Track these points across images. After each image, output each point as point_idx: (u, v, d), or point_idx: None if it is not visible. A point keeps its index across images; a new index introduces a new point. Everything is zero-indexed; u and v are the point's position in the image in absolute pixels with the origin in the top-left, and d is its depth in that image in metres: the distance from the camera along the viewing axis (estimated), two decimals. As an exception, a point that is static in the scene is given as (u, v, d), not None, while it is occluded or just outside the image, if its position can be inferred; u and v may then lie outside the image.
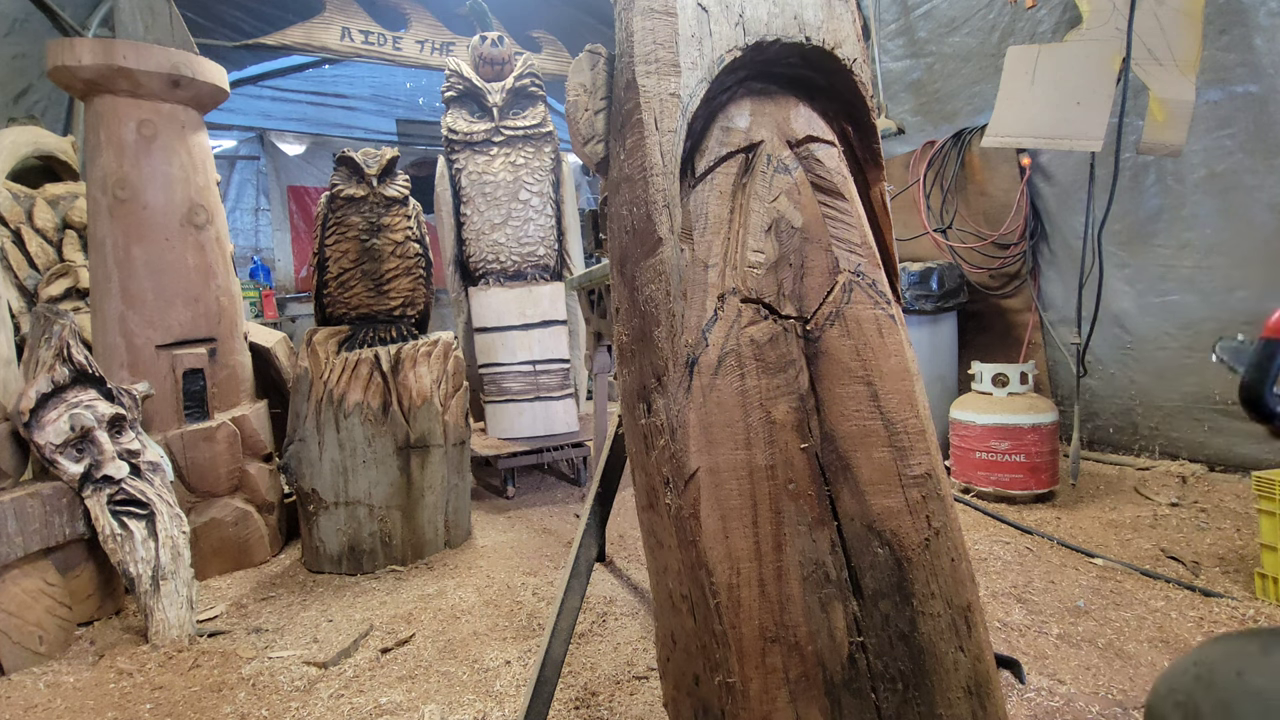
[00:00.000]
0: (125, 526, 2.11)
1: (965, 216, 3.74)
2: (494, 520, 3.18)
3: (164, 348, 2.56)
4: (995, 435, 2.88)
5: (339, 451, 2.56)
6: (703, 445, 0.93)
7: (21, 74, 3.91)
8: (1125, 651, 1.77)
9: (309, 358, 2.62)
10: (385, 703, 1.72)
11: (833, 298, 1.00)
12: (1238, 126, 2.73)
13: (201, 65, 2.61)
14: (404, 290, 2.85)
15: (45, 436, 2.05)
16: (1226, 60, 2.69)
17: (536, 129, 3.79)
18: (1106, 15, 2.66)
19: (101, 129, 2.48)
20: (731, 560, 0.90)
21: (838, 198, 1.07)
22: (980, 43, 3.59)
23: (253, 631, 2.15)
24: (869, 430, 0.97)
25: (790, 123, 1.09)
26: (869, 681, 0.90)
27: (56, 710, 1.73)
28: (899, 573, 0.93)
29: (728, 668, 0.88)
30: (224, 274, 2.75)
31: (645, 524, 1.13)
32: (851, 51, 1.12)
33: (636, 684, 1.74)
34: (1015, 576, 2.23)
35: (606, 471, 1.79)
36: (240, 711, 1.71)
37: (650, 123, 1.01)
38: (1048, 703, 1.58)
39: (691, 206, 1.02)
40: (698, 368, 0.95)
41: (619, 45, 1.08)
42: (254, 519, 2.71)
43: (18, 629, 1.93)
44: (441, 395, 2.73)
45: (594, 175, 1.89)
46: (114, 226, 2.49)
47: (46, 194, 3.24)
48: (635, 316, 1.08)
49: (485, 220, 3.73)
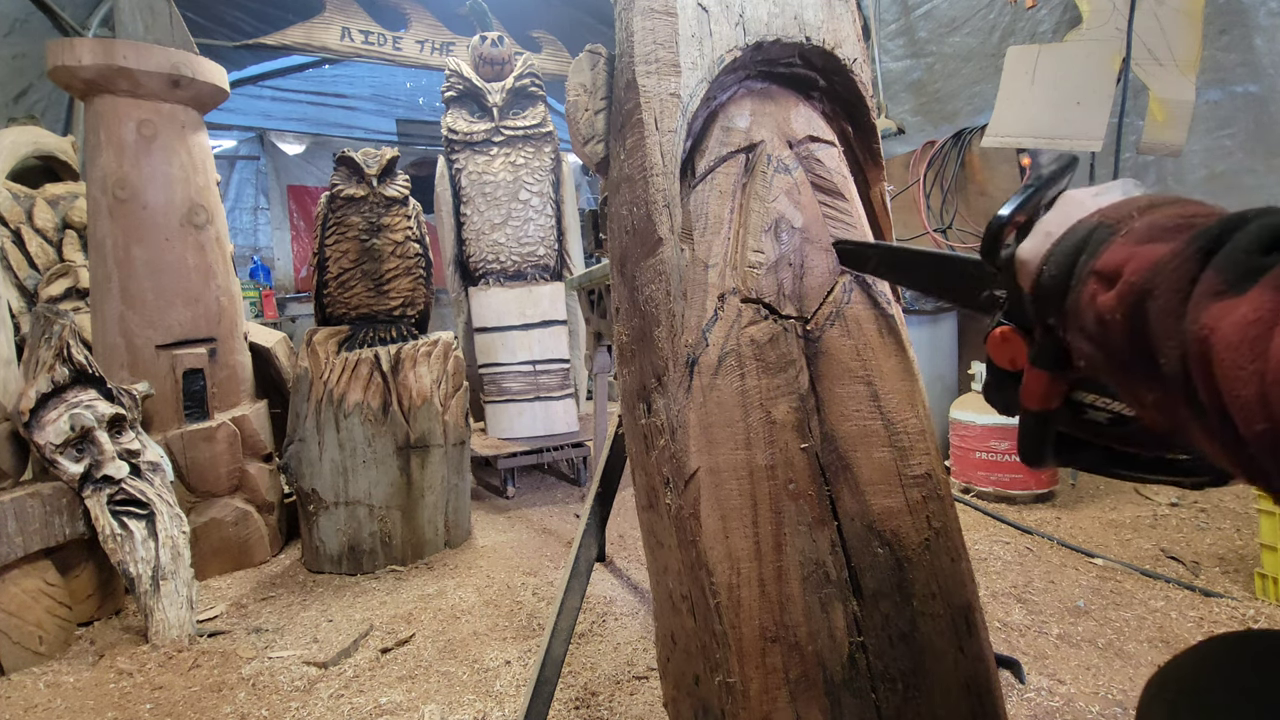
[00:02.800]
0: (125, 526, 2.11)
1: (965, 216, 3.74)
2: (494, 520, 3.18)
3: (164, 348, 2.56)
4: (995, 435, 2.88)
5: (339, 451, 2.56)
6: (703, 445, 0.93)
7: (21, 74, 3.91)
8: (1125, 651, 1.77)
9: (309, 358, 2.62)
10: (385, 703, 1.72)
11: (833, 298, 1.00)
12: (1238, 126, 2.73)
13: (201, 65, 2.61)
14: (404, 290, 2.85)
15: (45, 436, 2.05)
16: (1226, 60, 2.69)
17: (536, 129, 3.79)
18: (1106, 15, 2.66)
19: (101, 129, 2.48)
20: (731, 560, 0.90)
21: (838, 198, 1.07)
22: (980, 43, 3.59)
23: (253, 631, 2.15)
24: (869, 430, 0.97)
25: (790, 123, 1.09)
26: (869, 681, 0.90)
27: (56, 710, 1.73)
28: (899, 573, 0.93)
29: (728, 668, 0.88)
30: (224, 274, 2.75)
31: (645, 524, 1.13)
32: (851, 51, 1.12)
33: (636, 684, 1.74)
34: (1015, 576, 2.23)
35: (606, 471, 1.79)
36: (240, 711, 1.71)
37: (650, 123, 1.01)
38: (1048, 703, 1.58)
39: (692, 206, 1.02)
40: (698, 368, 0.95)
41: (619, 45, 1.08)
42: (254, 519, 2.71)
43: (18, 629, 1.93)
44: (441, 395, 2.73)
45: (594, 175, 1.89)
46: (114, 226, 2.49)
47: (46, 194, 3.24)
48: (635, 316, 1.08)
49: (485, 220, 3.73)
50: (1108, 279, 0.50)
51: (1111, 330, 0.49)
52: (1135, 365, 0.48)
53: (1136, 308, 0.47)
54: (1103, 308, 0.50)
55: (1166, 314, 0.45)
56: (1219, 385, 0.41)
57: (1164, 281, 0.45)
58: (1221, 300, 0.41)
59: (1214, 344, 0.41)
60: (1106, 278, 0.50)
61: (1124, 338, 0.48)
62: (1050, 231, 0.59)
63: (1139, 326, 0.47)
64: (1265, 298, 0.39)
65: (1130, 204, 0.54)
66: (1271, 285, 0.39)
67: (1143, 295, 0.47)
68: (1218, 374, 0.41)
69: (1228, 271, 0.42)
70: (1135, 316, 0.47)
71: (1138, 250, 0.49)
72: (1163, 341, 0.45)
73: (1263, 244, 0.42)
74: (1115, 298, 0.49)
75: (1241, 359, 0.39)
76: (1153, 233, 0.49)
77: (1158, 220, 0.50)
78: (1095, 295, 0.51)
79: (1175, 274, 0.45)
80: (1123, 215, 0.53)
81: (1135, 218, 0.52)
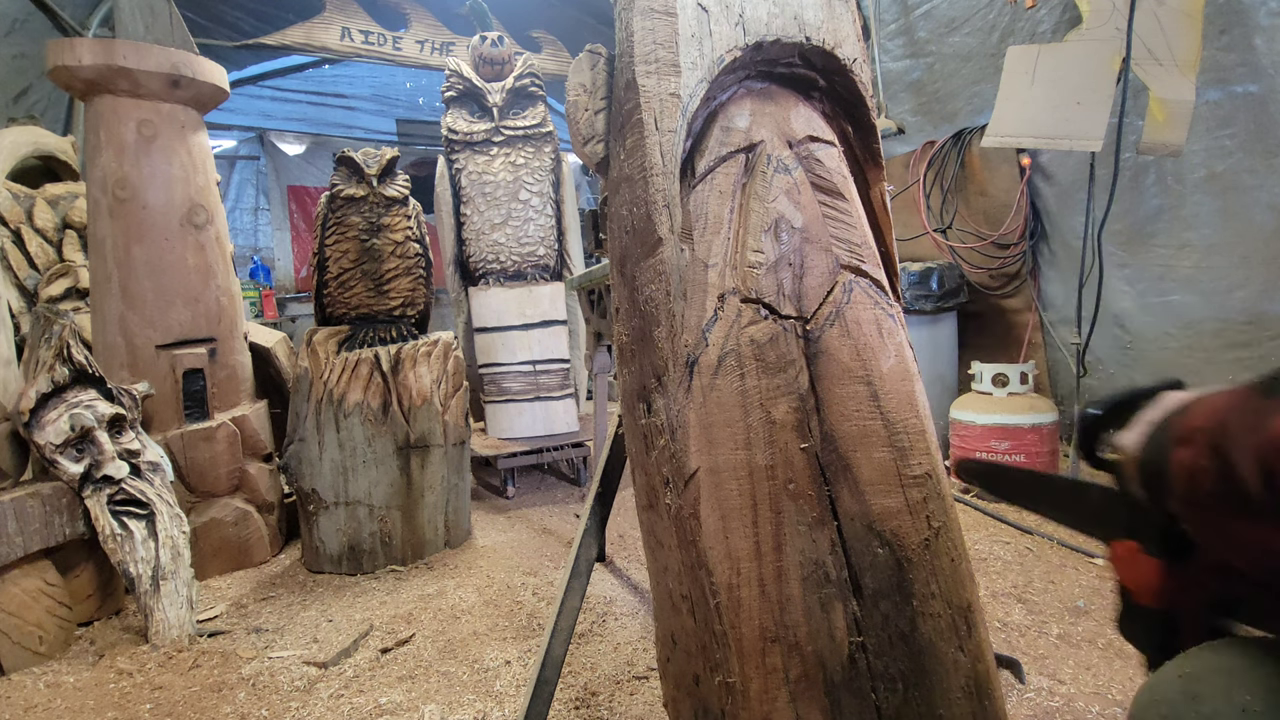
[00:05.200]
0: (125, 526, 2.11)
1: (965, 216, 3.74)
2: (494, 520, 3.18)
3: (164, 348, 2.56)
4: (995, 435, 2.88)
5: (339, 451, 2.56)
6: (703, 445, 0.93)
7: (21, 74, 3.90)
8: (1125, 651, 1.77)
9: (309, 358, 2.62)
10: (385, 703, 1.72)
11: (833, 298, 1.00)
12: (1238, 126, 2.72)
13: (201, 65, 2.61)
14: (404, 290, 2.85)
15: (45, 436, 2.05)
16: (1226, 60, 2.68)
17: (536, 129, 3.79)
18: (1106, 15, 2.66)
19: (101, 129, 2.48)
20: (731, 560, 0.90)
21: (838, 198, 1.07)
22: (980, 43, 3.59)
23: (253, 631, 2.15)
24: (869, 430, 0.97)
25: (790, 123, 1.09)
26: (869, 681, 0.90)
27: (56, 710, 1.73)
28: (899, 573, 0.93)
29: (728, 668, 0.88)
30: (224, 274, 2.75)
31: (645, 524, 1.13)
32: (851, 51, 1.12)
33: (636, 684, 1.74)
34: (1015, 576, 2.23)
35: (606, 471, 1.79)
36: (240, 711, 1.71)
37: (650, 123, 1.01)
38: (1048, 703, 1.58)
39: (692, 206, 1.02)
40: (698, 368, 0.95)
41: (619, 45, 1.08)
42: (254, 519, 2.71)
43: (18, 629, 1.93)
44: (441, 395, 2.73)
45: (594, 175, 1.89)
46: (114, 226, 2.49)
47: (46, 194, 3.24)
48: (635, 316, 1.08)
49: (485, 220, 3.73)
50: (1187, 440, 0.56)
51: (1200, 478, 0.54)
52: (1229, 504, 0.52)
53: (1216, 447, 0.52)
54: (1188, 461, 0.55)
55: (1241, 443, 0.50)
56: None
57: (1234, 418, 0.51)
58: None
59: None
60: (1188, 439, 0.56)
61: (1212, 479, 0.53)
62: (1149, 419, 0.65)
63: (1222, 463, 0.52)
64: None
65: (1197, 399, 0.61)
66: None
67: (1219, 434, 0.52)
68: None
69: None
70: (1217, 455, 0.52)
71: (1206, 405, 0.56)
72: (1243, 466, 0.49)
73: None
74: (1196, 448, 0.54)
75: None
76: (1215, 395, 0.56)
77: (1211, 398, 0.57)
78: (1180, 457, 0.57)
79: (1242, 410, 0.51)
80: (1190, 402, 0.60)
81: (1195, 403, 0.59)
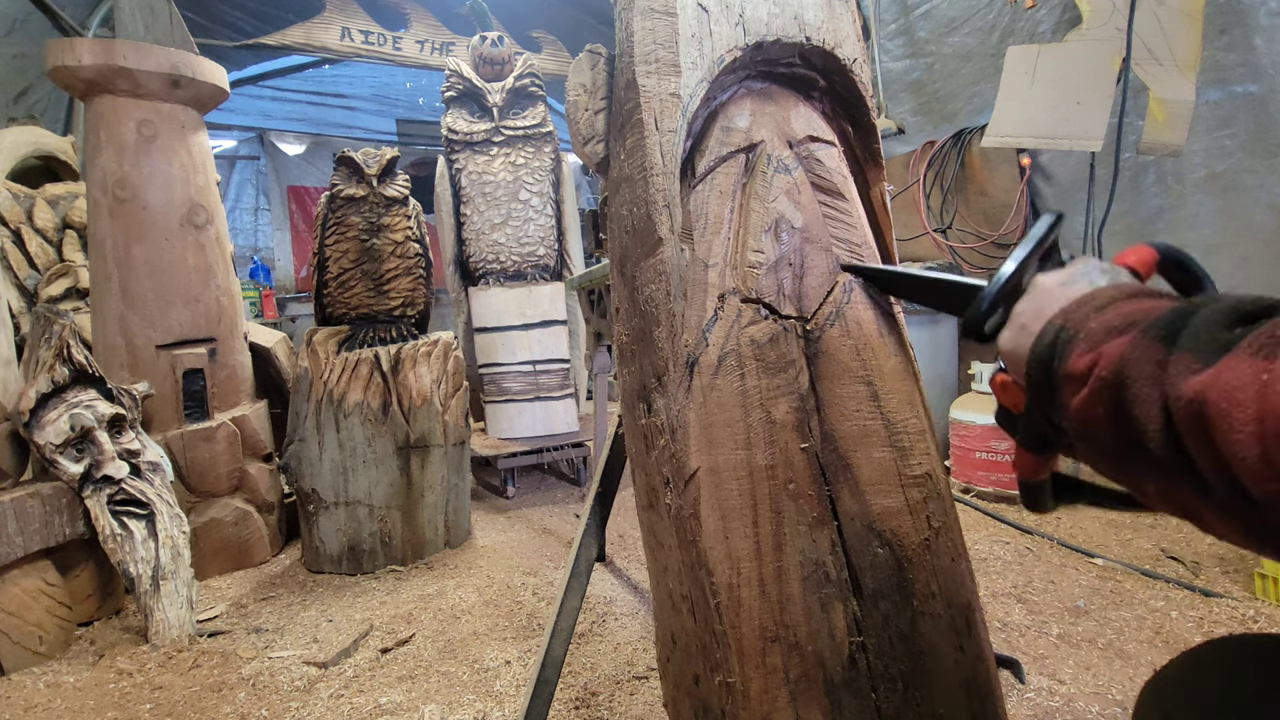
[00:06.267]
0: (125, 526, 2.11)
1: (965, 216, 3.74)
2: (494, 520, 3.18)
3: (164, 348, 2.56)
4: (995, 435, 2.88)
5: (339, 451, 2.56)
6: (703, 445, 0.93)
7: (21, 74, 3.90)
8: (1125, 651, 1.77)
9: (309, 358, 2.62)
10: (385, 703, 1.72)
11: (833, 298, 1.00)
12: (1238, 126, 2.72)
13: (201, 65, 2.61)
14: (404, 290, 2.85)
15: (45, 436, 2.05)
16: (1226, 60, 2.69)
17: (536, 129, 3.79)
18: (1106, 15, 2.66)
19: (101, 129, 2.48)
20: (731, 560, 0.90)
21: (838, 198, 1.07)
22: (980, 43, 3.59)
23: (253, 631, 2.15)
24: (869, 430, 0.97)
25: (790, 122, 1.09)
26: (869, 681, 0.90)
27: (56, 710, 1.73)
28: (899, 573, 0.93)
29: (728, 667, 0.88)
30: (224, 274, 2.75)
31: (645, 524, 1.13)
32: (851, 51, 1.12)
33: (636, 684, 1.74)
34: (1015, 576, 2.23)
35: (606, 471, 1.79)
36: (240, 711, 1.71)
37: (650, 123, 1.01)
38: (1048, 703, 1.58)
39: (692, 206, 1.02)
40: (698, 368, 0.95)
41: (619, 45, 1.08)
42: (254, 519, 2.71)
43: (18, 629, 1.93)
44: (441, 395, 2.73)
45: (594, 175, 1.89)
46: (114, 226, 2.49)
47: (46, 194, 3.24)
48: (635, 316, 1.08)
49: (485, 220, 3.73)
50: (1080, 380, 0.54)
51: (1096, 426, 0.53)
52: (1128, 456, 0.51)
53: (1113, 399, 0.50)
54: (1082, 408, 0.53)
55: (1143, 399, 0.48)
56: (1221, 453, 0.43)
57: (1133, 370, 0.49)
58: (1201, 374, 0.44)
59: (1208, 413, 0.43)
60: (1079, 379, 0.54)
61: (1109, 431, 0.52)
62: (1025, 325, 0.63)
63: (1120, 416, 0.50)
64: (1244, 363, 0.42)
65: (1088, 303, 0.58)
66: (1248, 351, 0.43)
67: (1116, 387, 0.50)
68: (1218, 441, 0.43)
69: (1200, 349, 0.45)
70: (1114, 407, 0.50)
71: (1100, 350, 0.52)
72: (1146, 425, 0.48)
73: (1225, 322, 0.46)
74: (1090, 395, 0.52)
75: (1237, 422, 0.41)
76: (1108, 333, 0.53)
77: (1108, 320, 0.54)
78: (1072, 398, 0.55)
79: (1142, 361, 0.49)
80: (1081, 318, 0.57)
81: (1091, 319, 0.56)
